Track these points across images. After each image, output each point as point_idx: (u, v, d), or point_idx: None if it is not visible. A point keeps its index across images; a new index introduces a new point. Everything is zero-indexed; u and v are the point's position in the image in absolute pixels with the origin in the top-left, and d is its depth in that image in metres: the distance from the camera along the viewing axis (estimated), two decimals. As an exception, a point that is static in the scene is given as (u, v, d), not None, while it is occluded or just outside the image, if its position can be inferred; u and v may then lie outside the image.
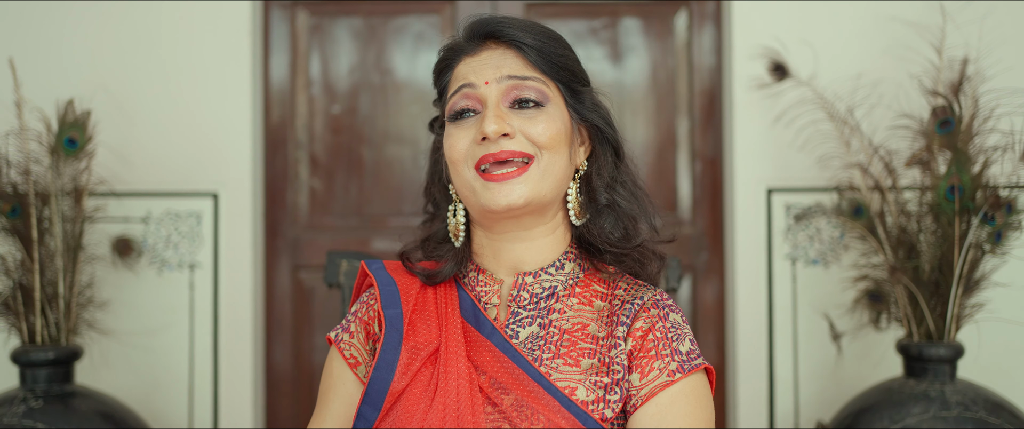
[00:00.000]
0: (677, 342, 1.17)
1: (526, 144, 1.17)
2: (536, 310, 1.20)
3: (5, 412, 2.12)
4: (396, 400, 1.14)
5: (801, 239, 2.54)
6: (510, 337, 1.18)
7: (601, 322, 1.18)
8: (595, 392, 1.13)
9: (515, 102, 1.18)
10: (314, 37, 2.71)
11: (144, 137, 2.51)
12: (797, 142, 2.48)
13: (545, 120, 1.17)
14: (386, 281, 1.23)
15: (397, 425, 1.12)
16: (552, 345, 1.17)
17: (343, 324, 1.26)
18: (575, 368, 1.15)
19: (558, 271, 1.22)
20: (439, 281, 1.23)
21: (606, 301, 1.20)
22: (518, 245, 1.22)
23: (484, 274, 1.23)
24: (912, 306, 2.24)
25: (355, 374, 1.22)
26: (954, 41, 2.41)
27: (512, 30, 1.19)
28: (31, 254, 2.19)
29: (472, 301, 1.21)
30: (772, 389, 2.54)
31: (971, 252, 2.19)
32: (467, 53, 1.22)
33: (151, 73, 2.52)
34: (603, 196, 1.21)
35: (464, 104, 1.19)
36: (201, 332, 2.54)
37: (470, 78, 1.19)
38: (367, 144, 2.71)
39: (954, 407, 2.13)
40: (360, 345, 1.24)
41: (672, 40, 2.72)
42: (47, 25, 2.50)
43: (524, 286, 1.21)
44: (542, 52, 1.20)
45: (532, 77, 1.19)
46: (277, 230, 2.69)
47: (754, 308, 2.55)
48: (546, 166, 1.17)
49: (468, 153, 1.18)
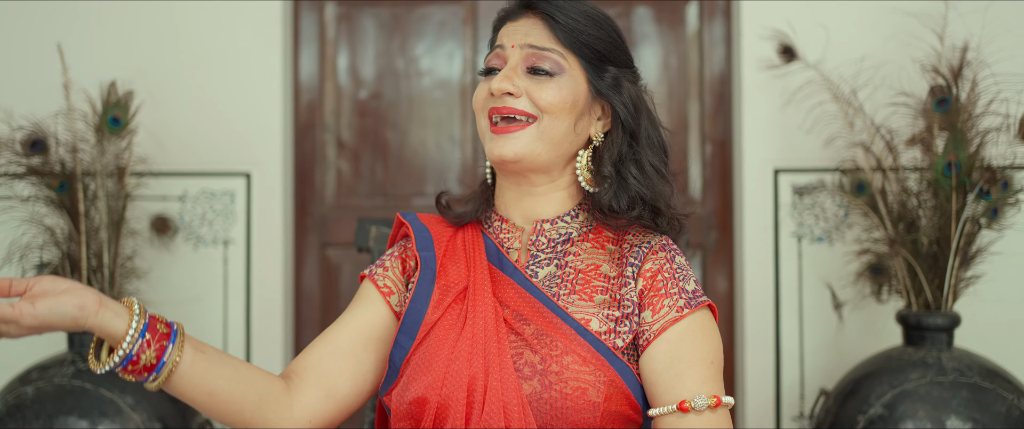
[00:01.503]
0: (683, 282, 1.28)
1: (529, 105, 1.28)
2: (553, 253, 1.33)
3: (56, 373, 2.26)
4: (429, 330, 1.27)
5: (807, 218, 2.65)
6: (530, 276, 1.30)
7: (612, 263, 1.30)
8: (607, 324, 1.26)
9: (530, 69, 1.30)
10: (341, 26, 2.84)
11: (180, 120, 2.65)
12: (804, 124, 2.59)
13: (553, 88, 1.29)
14: (420, 228, 1.36)
15: (430, 351, 1.24)
16: (568, 283, 1.29)
17: (377, 262, 1.39)
18: (589, 303, 1.27)
19: (573, 219, 1.35)
20: (468, 220, 1.36)
21: (617, 245, 1.33)
22: (528, 198, 1.34)
23: (506, 223, 1.36)
24: (911, 278, 2.34)
25: (387, 302, 1.34)
26: (956, 29, 2.51)
27: (546, 4, 1.31)
28: (78, 227, 2.33)
29: (496, 246, 1.34)
30: (779, 361, 2.65)
31: (968, 226, 2.29)
32: (510, 18, 1.35)
33: (188, 60, 2.66)
34: (607, 168, 1.31)
35: (493, 62, 1.33)
36: (234, 304, 2.67)
37: (503, 41, 1.33)
38: (391, 128, 2.84)
39: (950, 373, 2.24)
40: (396, 277, 1.36)
41: (683, 28, 2.83)
42: (91, 12, 2.65)
43: (542, 232, 1.34)
44: (570, 29, 1.30)
45: (551, 49, 1.30)
46: (306, 209, 2.82)
47: (762, 284, 2.66)
48: (545, 129, 1.28)
49: (484, 104, 1.31)
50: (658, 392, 1.23)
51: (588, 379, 1.21)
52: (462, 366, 1.22)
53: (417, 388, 1.23)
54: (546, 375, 1.21)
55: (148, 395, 2.27)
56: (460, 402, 1.21)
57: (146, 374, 1.17)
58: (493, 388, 1.21)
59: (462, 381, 1.22)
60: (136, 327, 1.14)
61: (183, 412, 2.33)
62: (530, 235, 1.34)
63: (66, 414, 2.21)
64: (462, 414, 1.20)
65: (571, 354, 1.22)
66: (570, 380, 1.21)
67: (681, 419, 1.21)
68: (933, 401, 2.21)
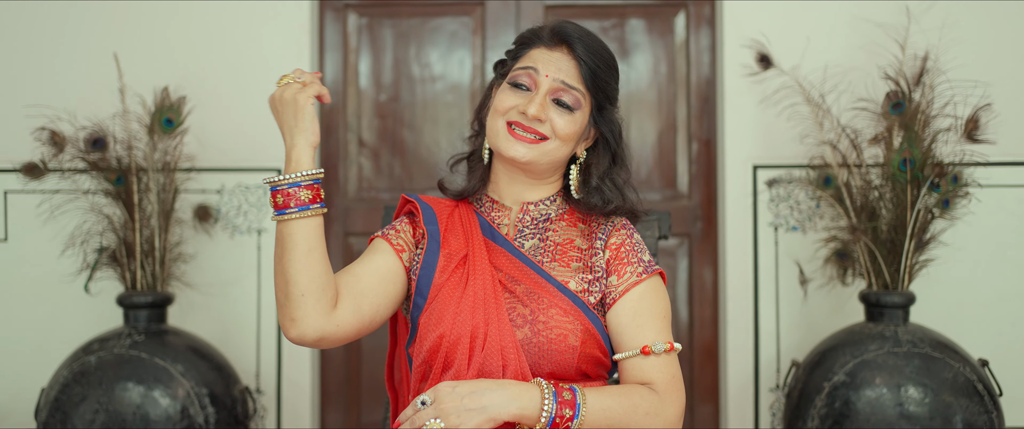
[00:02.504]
0: (641, 253, 1.60)
1: (547, 130, 1.58)
2: (536, 229, 1.63)
3: (115, 344, 2.56)
4: (438, 291, 1.56)
5: (782, 209, 2.94)
6: (519, 247, 1.61)
7: (584, 238, 1.62)
8: (582, 285, 1.57)
9: (555, 99, 1.59)
10: (362, 36, 3.14)
11: (219, 121, 2.94)
12: (779, 125, 2.88)
13: (569, 121, 1.59)
14: (425, 206, 1.65)
15: (440, 307, 1.54)
16: (549, 252, 1.60)
17: (388, 227, 1.67)
18: (567, 268, 1.59)
19: (552, 203, 1.65)
20: (468, 194, 1.66)
21: (586, 224, 1.64)
22: (519, 185, 1.64)
23: (496, 203, 1.66)
24: (872, 262, 2.64)
25: (399, 256, 1.62)
26: (917, 40, 2.80)
27: (582, 49, 1.59)
28: (132, 216, 2.63)
29: (488, 223, 1.64)
30: (757, 338, 2.94)
31: (921, 216, 2.59)
32: (546, 45, 1.61)
33: (225, 66, 2.95)
34: (594, 181, 1.63)
35: (524, 80, 1.59)
36: (266, 287, 2.97)
37: (538, 66, 1.59)
38: (408, 128, 3.14)
39: (905, 345, 2.54)
40: (407, 239, 1.64)
41: (672, 38, 3.13)
42: (141, 23, 2.94)
43: (527, 211, 1.64)
44: (594, 75, 1.59)
45: (577, 88, 1.59)
46: (331, 201, 3.12)
47: (742, 269, 2.95)
48: (552, 149, 1.59)
49: (508, 111, 1.59)
50: (623, 340, 1.54)
51: (569, 327, 1.52)
52: (466, 318, 1.52)
53: (431, 337, 1.54)
54: (535, 324, 1.52)
55: (197, 364, 2.57)
56: (465, 346, 1.51)
57: (296, 206, 1.45)
58: (492, 335, 1.51)
59: (466, 329, 1.52)
60: (312, 174, 1.46)
61: (226, 379, 2.63)
62: (518, 214, 1.64)
63: (124, 380, 2.51)
64: (467, 355, 1.51)
65: (555, 307, 1.53)
66: (554, 328, 1.52)
67: (643, 360, 1.52)
68: (889, 369, 2.50)
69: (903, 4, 2.83)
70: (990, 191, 2.85)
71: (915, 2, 2.84)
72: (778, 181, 2.91)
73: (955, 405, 2.47)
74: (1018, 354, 2.87)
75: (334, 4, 3.13)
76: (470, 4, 3.14)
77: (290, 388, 2.96)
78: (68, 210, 2.67)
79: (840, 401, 2.52)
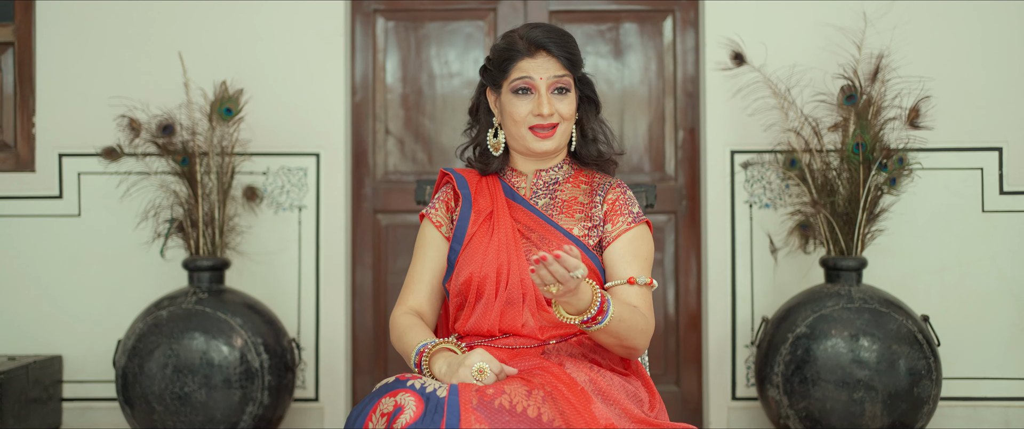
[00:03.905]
0: (632, 206, 2.02)
1: (556, 118, 2.00)
2: (547, 190, 2.06)
3: (183, 301, 3.00)
4: (470, 239, 1.99)
5: (756, 189, 3.38)
6: (533, 204, 2.04)
7: (586, 195, 2.04)
8: (583, 231, 1.99)
9: (554, 89, 2.02)
10: (389, 38, 3.58)
11: (265, 111, 3.38)
12: (752, 115, 3.32)
13: (568, 103, 2.00)
14: (459, 177, 2.08)
15: (471, 251, 1.97)
16: (557, 207, 2.02)
17: (431, 204, 2.10)
18: (571, 219, 2.00)
19: (560, 169, 2.07)
20: (491, 172, 2.08)
21: (587, 184, 2.06)
22: (535, 161, 2.07)
23: (515, 172, 2.08)
24: (830, 232, 3.07)
25: (439, 232, 2.06)
26: (872, 41, 3.24)
27: (556, 48, 1.99)
28: (195, 193, 3.07)
29: (509, 186, 2.06)
30: (735, 301, 3.38)
31: (872, 192, 3.03)
32: (527, 56, 2.01)
33: (270, 63, 3.39)
34: (589, 133, 2.06)
35: (524, 87, 1.99)
36: (306, 257, 3.41)
37: (530, 73, 1.99)
38: (429, 118, 3.58)
39: (857, 301, 2.97)
40: (442, 214, 2.07)
41: (661, 40, 3.57)
42: (202, 26, 3.38)
43: (540, 177, 2.07)
44: (570, 60, 2.01)
45: (564, 75, 2.01)
46: (362, 182, 3.56)
47: (721, 241, 3.39)
48: (565, 130, 2.01)
49: (525, 118, 1.99)
50: (614, 273, 1.97)
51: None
52: (492, 259, 1.95)
53: (464, 274, 1.96)
54: None
55: (252, 318, 3.01)
56: (492, 280, 1.94)
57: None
58: (513, 271, 1.94)
59: (493, 268, 1.94)
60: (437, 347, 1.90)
61: (276, 332, 3.07)
62: (532, 179, 2.07)
63: (192, 331, 2.95)
64: (495, 288, 1.94)
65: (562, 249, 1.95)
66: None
67: (628, 289, 1.94)
68: (844, 322, 2.94)
69: (860, 10, 3.26)
70: (937, 173, 3.29)
71: (873, 3, 3.27)
72: (751, 164, 3.35)
73: (899, 352, 2.90)
74: (956, 312, 3.31)
75: (364, 10, 3.56)
76: (483, 10, 3.58)
77: (326, 344, 3.40)
78: (143, 187, 3.11)
79: (802, 349, 2.95)
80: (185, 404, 2.91)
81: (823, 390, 2.91)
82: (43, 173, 3.39)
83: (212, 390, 2.92)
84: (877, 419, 2.90)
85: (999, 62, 3.34)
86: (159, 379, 2.92)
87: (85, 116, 3.35)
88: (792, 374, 2.96)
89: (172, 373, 2.92)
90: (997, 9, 3.34)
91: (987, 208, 3.33)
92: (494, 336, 1.96)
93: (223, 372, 2.93)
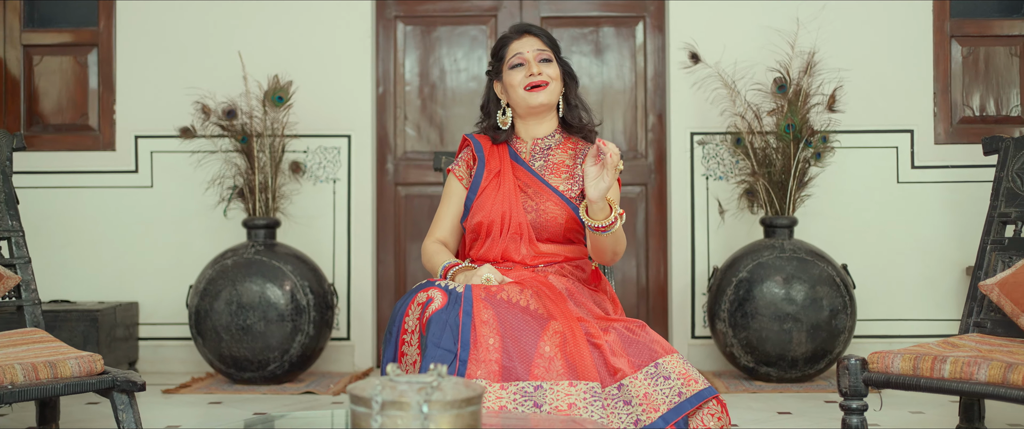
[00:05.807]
0: None
1: (545, 78, 2.68)
2: (542, 155, 2.74)
3: (243, 251, 3.71)
4: (482, 190, 2.66)
5: (712, 164, 4.09)
6: (531, 165, 2.73)
7: (571, 158, 2.72)
8: (567, 185, 2.64)
9: (540, 60, 2.71)
10: (407, 40, 4.29)
11: (307, 99, 4.08)
12: (707, 104, 4.03)
13: (553, 68, 2.67)
14: (476, 142, 2.77)
15: (483, 199, 2.63)
16: (549, 168, 2.70)
17: (454, 162, 2.79)
18: (558, 177, 2.67)
19: (552, 137, 2.76)
20: (501, 141, 2.77)
21: (573, 150, 2.75)
22: (534, 125, 2.76)
23: (519, 139, 2.77)
24: (768, 197, 3.79)
25: (461, 183, 2.75)
26: (804, 40, 3.95)
27: (537, 31, 2.68)
28: (252, 167, 3.78)
29: (514, 152, 2.75)
30: (693, 256, 4.09)
31: (801, 164, 3.74)
32: (516, 39, 2.70)
33: (311, 59, 4.10)
34: (573, 102, 2.72)
35: (518, 62, 2.70)
36: (339, 220, 4.12)
37: (520, 51, 2.66)
38: (441, 106, 4.29)
39: (788, 252, 3.69)
40: (463, 170, 2.76)
41: (634, 41, 4.28)
42: (256, 29, 4.09)
43: (537, 144, 2.75)
44: (549, 40, 2.70)
45: (545, 49, 2.69)
46: (385, 159, 4.27)
47: (684, 209, 4.10)
48: (554, 89, 2.66)
49: (521, 82, 2.68)
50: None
51: (557, 211, 2.63)
52: (498, 206, 2.64)
53: (477, 217, 2.66)
54: (538, 211, 2.63)
55: (299, 267, 3.72)
56: (497, 223, 2.62)
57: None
58: (513, 217, 2.62)
59: (498, 213, 2.63)
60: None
61: (319, 279, 3.78)
62: (531, 146, 2.77)
63: (252, 275, 3.66)
64: (500, 229, 2.63)
65: (550, 201, 2.64)
66: (548, 211, 2.62)
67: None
68: (778, 269, 3.65)
69: (795, 13, 3.98)
70: (861, 151, 4.01)
71: (807, 3, 3.98)
72: (706, 143, 4.06)
73: (822, 293, 3.62)
74: (874, 265, 4.03)
75: (386, 17, 4.28)
76: (486, 16, 4.29)
77: (356, 292, 4.11)
78: (212, 161, 3.84)
79: (743, 291, 3.66)
80: (247, 334, 3.62)
81: (760, 323, 3.62)
82: (122, 152, 4.10)
83: (269, 323, 3.62)
84: (802, 345, 3.61)
85: (910, 58, 4.06)
86: (225, 314, 3.63)
87: (157, 104, 4.06)
88: (735, 310, 3.67)
89: (236, 309, 3.62)
90: (916, 10, 4.05)
91: (901, 180, 4.04)
92: (498, 262, 2.66)
93: (277, 309, 3.63)
